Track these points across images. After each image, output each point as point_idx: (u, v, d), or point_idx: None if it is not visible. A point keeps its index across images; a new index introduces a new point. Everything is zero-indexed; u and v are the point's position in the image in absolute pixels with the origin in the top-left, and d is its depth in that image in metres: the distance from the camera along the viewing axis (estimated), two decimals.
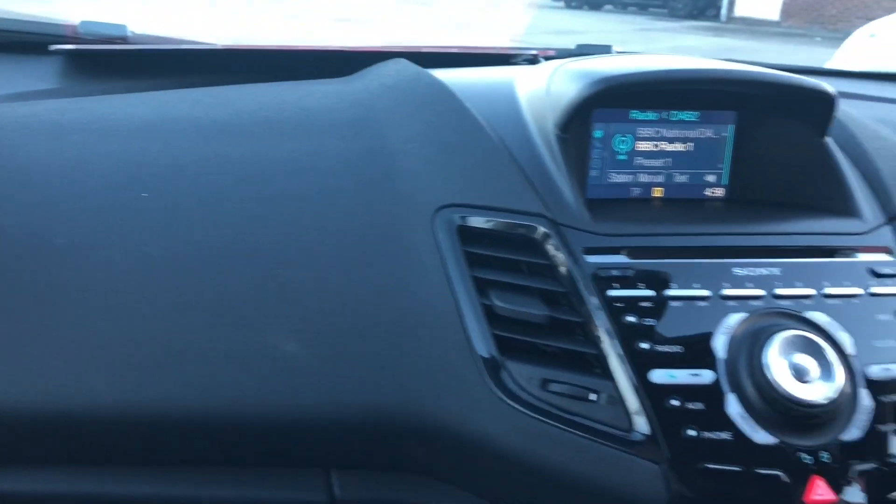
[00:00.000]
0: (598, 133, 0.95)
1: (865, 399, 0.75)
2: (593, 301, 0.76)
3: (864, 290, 0.81)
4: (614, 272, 0.77)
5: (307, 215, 0.82)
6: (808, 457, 0.72)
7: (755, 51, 8.05)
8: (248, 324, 0.76)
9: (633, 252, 0.80)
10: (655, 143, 0.96)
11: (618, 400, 0.73)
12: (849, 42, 4.11)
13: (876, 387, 0.76)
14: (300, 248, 0.79)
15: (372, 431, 0.76)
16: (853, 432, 0.73)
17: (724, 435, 0.72)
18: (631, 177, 0.96)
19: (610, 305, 0.76)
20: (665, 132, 0.96)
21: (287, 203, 0.82)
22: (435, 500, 0.81)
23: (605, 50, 1.39)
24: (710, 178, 0.98)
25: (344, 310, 0.77)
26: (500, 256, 0.79)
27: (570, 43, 1.47)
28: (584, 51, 1.36)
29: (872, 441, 0.74)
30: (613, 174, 0.96)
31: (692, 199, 0.96)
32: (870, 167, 0.92)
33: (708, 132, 0.97)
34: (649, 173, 0.97)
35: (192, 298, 0.77)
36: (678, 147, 0.97)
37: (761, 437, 0.72)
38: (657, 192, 0.97)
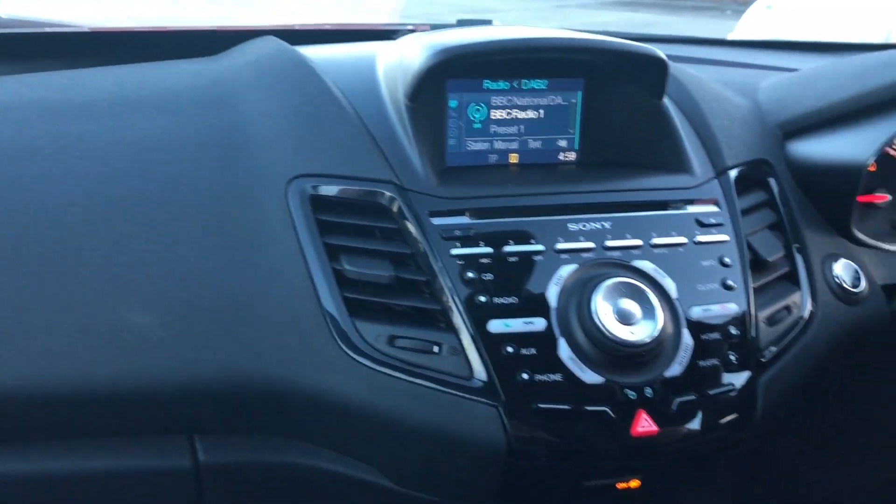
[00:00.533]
0: (452, 103, 0.99)
1: (687, 338, 0.81)
2: (437, 260, 0.80)
3: (690, 239, 0.87)
4: (457, 233, 0.82)
5: (160, 190, 0.84)
6: (633, 393, 0.78)
7: (670, 24, 8.23)
8: (98, 297, 0.78)
9: (476, 213, 0.84)
10: (508, 111, 1.00)
11: (459, 350, 0.78)
12: (748, 14, 4.27)
13: (696, 327, 0.82)
14: (152, 221, 0.82)
15: (227, 396, 0.79)
16: (675, 369, 0.80)
17: (556, 377, 0.77)
18: (487, 144, 1.01)
19: (452, 264, 0.80)
20: (517, 100, 1.01)
21: (140, 179, 0.84)
22: (296, 459, 0.85)
23: (485, 24, 1.42)
24: (562, 143, 1.03)
25: (195, 280, 0.80)
26: (350, 223, 0.83)
27: None
28: (463, 25, 1.40)
29: (692, 376, 0.80)
30: (470, 142, 1.00)
31: (546, 163, 1.01)
32: (704, 126, 0.98)
33: (557, 99, 1.02)
34: (504, 140, 1.01)
35: (42, 274, 0.78)
36: (530, 115, 1.01)
37: (589, 377, 0.78)
38: (513, 159, 1.02)
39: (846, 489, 1.32)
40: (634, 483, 0.85)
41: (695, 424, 0.80)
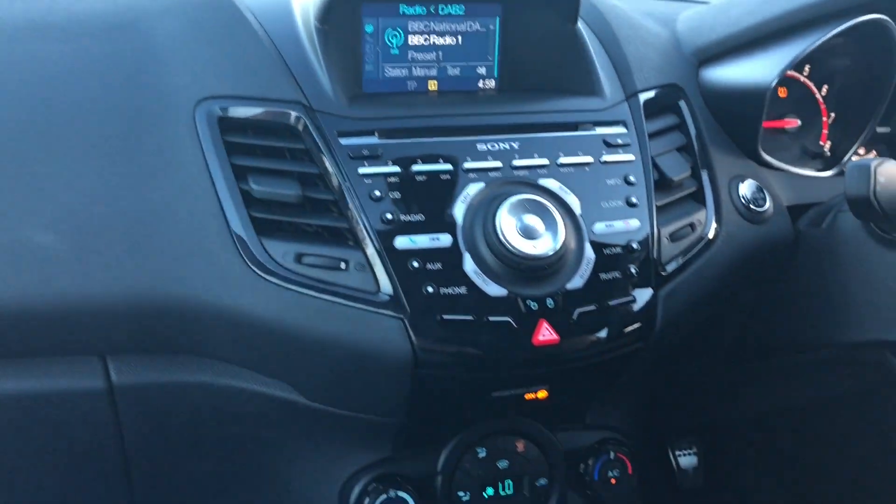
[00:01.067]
0: (368, 27, 0.98)
1: (589, 252, 0.84)
2: (345, 179, 0.81)
3: (596, 158, 0.89)
4: (364, 152, 0.83)
5: (67, 112, 0.83)
6: (535, 304, 0.80)
7: None
8: (1, 218, 0.78)
9: (385, 134, 0.85)
10: (426, 36, 1.00)
11: (366, 266, 0.79)
12: None
13: (599, 242, 0.85)
14: (57, 143, 0.81)
15: (136, 315, 0.80)
16: (576, 281, 0.82)
17: (460, 290, 0.79)
18: (405, 70, 1.01)
19: (360, 182, 0.81)
20: (435, 26, 1.00)
21: (45, 102, 0.83)
22: (209, 379, 0.86)
23: None
24: (482, 70, 1.04)
25: (101, 200, 0.80)
26: (258, 144, 0.83)
27: None
28: None
29: (593, 288, 0.83)
30: (388, 68, 1.00)
31: (466, 91, 1.02)
32: (617, 52, 0.99)
33: (475, 25, 1.02)
34: (423, 66, 1.01)
35: None
36: (448, 41, 1.01)
37: (493, 289, 0.80)
38: (432, 86, 1.02)
39: (742, 401, 1.39)
40: (542, 394, 0.88)
41: (595, 334, 0.83)
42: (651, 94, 0.96)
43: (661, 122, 0.96)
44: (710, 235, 0.93)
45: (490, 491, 0.92)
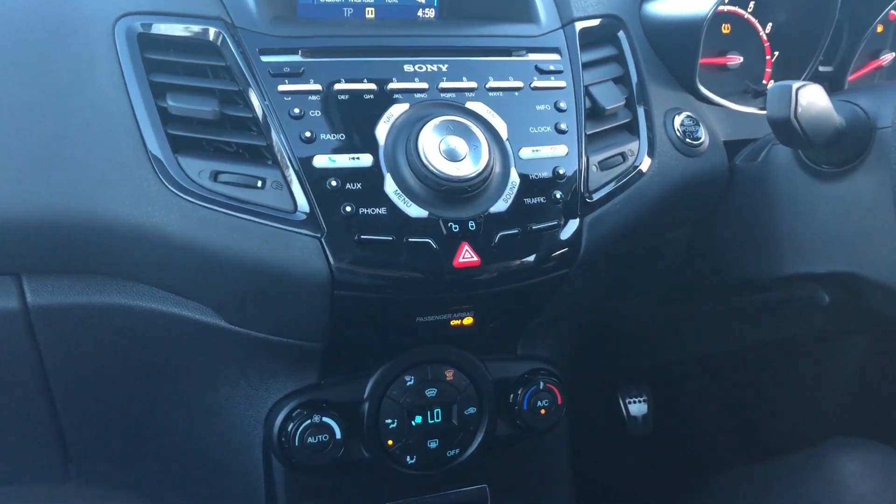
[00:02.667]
0: None
1: (514, 176, 0.81)
2: (264, 97, 0.78)
3: (527, 84, 0.86)
4: (286, 69, 0.79)
5: None
6: (457, 226, 0.78)
7: None
8: None
9: (308, 53, 0.82)
10: None
11: (283, 185, 0.77)
12: None
13: (525, 166, 0.82)
14: None
15: (51, 233, 0.77)
16: (500, 205, 0.80)
17: (381, 210, 0.77)
18: None
19: (280, 100, 0.78)
20: None
21: None
22: (127, 300, 0.84)
23: None
24: None
25: (11, 114, 0.76)
26: (178, 61, 0.80)
27: None
28: None
29: (517, 212, 0.81)
30: None
31: (405, 19, 0.99)
32: None
33: None
34: None
35: None
36: None
37: (414, 210, 0.77)
38: (369, 13, 0.99)
39: (688, 344, 1.38)
40: (468, 320, 0.86)
41: (517, 258, 0.81)
42: (588, 23, 0.93)
43: (597, 53, 0.94)
44: (642, 166, 0.91)
45: (418, 419, 0.90)
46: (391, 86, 0.81)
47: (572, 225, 0.83)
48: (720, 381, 1.66)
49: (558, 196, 0.82)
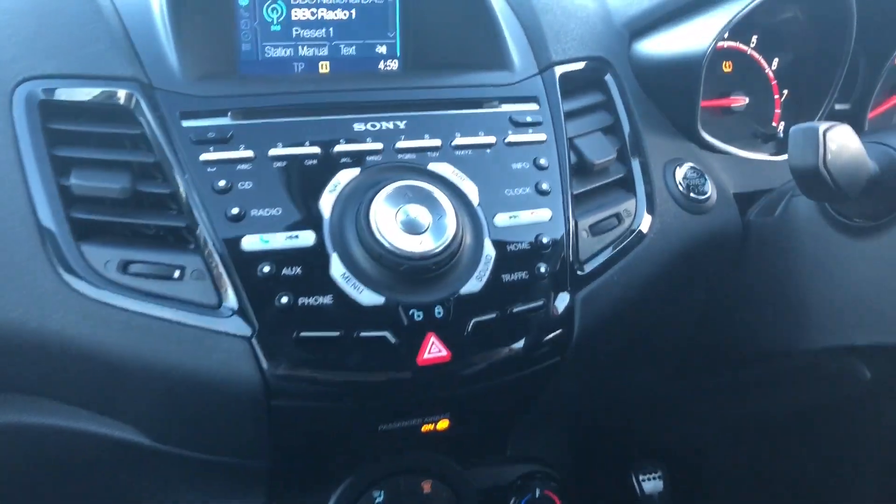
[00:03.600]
0: (243, 0, 0.82)
1: (488, 249, 0.67)
2: (185, 169, 0.64)
3: (500, 139, 0.72)
4: (210, 134, 0.66)
5: None
6: (420, 313, 0.63)
7: None
8: None
9: (240, 114, 0.68)
10: (313, 10, 0.84)
11: (205, 274, 0.62)
12: None
13: (501, 235, 0.68)
14: None
15: None
16: (472, 284, 0.65)
17: (325, 299, 0.62)
18: (290, 50, 0.84)
19: (202, 172, 0.64)
20: None
21: None
22: (36, 419, 0.69)
23: None
24: (381, 49, 0.87)
25: None
26: (86, 131, 0.66)
27: None
28: None
29: (494, 292, 0.66)
30: (269, 48, 0.84)
31: (364, 72, 0.86)
32: (532, 21, 0.83)
33: None
34: (311, 45, 0.85)
35: None
36: (340, 15, 0.85)
37: (367, 297, 0.63)
38: (323, 68, 0.86)
39: (704, 417, 1.22)
40: (443, 424, 0.70)
41: (496, 348, 0.66)
42: (570, 67, 0.80)
43: (582, 100, 0.80)
44: (641, 228, 0.76)
45: None
46: (338, 148, 0.67)
47: (562, 304, 0.68)
48: (742, 451, 1.48)
49: (543, 270, 0.67)
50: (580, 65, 0.83)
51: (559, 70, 0.79)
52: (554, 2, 0.89)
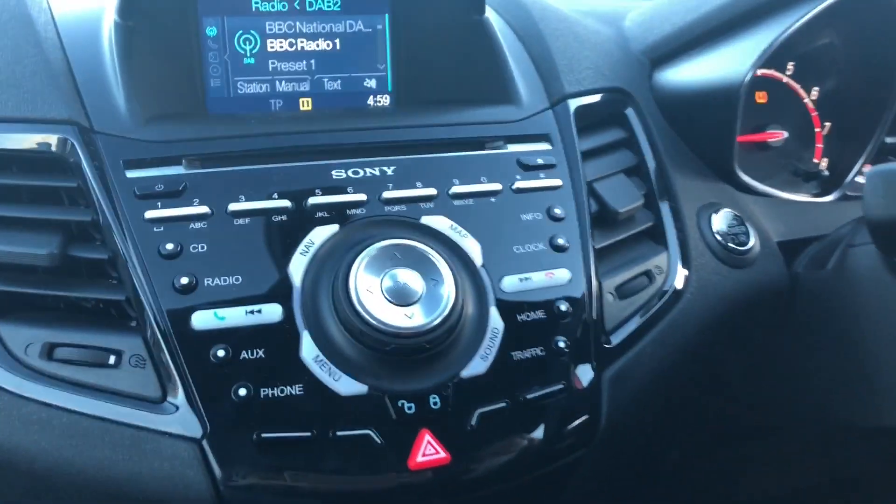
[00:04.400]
0: (210, 30, 0.71)
1: (495, 321, 0.54)
2: (126, 229, 0.52)
3: (507, 185, 0.60)
4: (159, 187, 0.54)
5: None
6: (411, 405, 0.51)
7: None
8: None
9: (196, 161, 0.56)
10: (291, 40, 0.73)
11: (145, 360, 0.50)
12: None
13: (511, 304, 0.55)
14: None
15: None
16: (477, 365, 0.53)
17: (294, 389, 0.49)
18: (266, 86, 0.73)
19: (147, 232, 0.52)
20: (302, 26, 0.73)
21: None
22: None
23: None
24: (370, 83, 0.76)
25: None
26: (10, 184, 0.54)
27: None
28: None
29: (502, 375, 0.53)
30: (242, 83, 0.72)
31: (351, 109, 0.74)
32: (541, 49, 0.72)
33: (358, 24, 0.75)
34: (290, 80, 0.73)
35: None
36: (324, 45, 0.74)
37: (345, 385, 0.50)
38: (305, 105, 0.74)
39: (745, 487, 1.07)
40: None
41: (506, 445, 0.53)
42: (586, 100, 0.68)
43: (601, 138, 0.68)
44: (676, 286, 0.63)
45: None
46: (313, 200, 0.55)
47: (587, 386, 0.56)
48: None
49: (562, 345, 0.55)
50: (597, 97, 0.71)
51: (573, 103, 0.68)
52: (563, 26, 0.78)
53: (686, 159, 0.73)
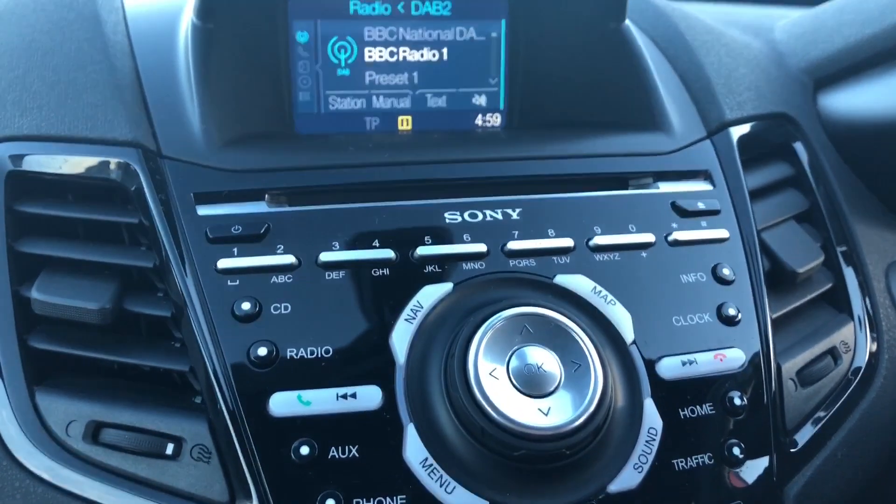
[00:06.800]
0: (301, 35, 0.60)
1: (652, 417, 0.41)
2: (194, 280, 0.41)
3: (660, 235, 0.47)
4: (237, 229, 0.43)
5: None
6: None
7: None
8: None
9: (281, 197, 0.45)
10: (393, 49, 0.62)
11: (212, 451, 0.39)
12: None
13: (671, 395, 0.42)
14: None
15: None
16: (629, 477, 0.39)
17: (395, 502, 0.37)
18: (362, 101, 0.62)
19: (220, 286, 0.41)
20: (406, 33, 0.62)
21: None
22: None
23: None
24: (480, 100, 0.64)
25: None
26: (60, 216, 0.44)
27: None
28: None
29: (660, 489, 0.40)
30: (335, 97, 0.61)
31: (457, 131, 0.62)
32: (692, 64, 0.58)
33: (469, 32, 0.63)
34: (389, 94, 0.62)
35: None
36: (427, 55, 0.62)
37: (461, 499, 0.38)
38: (404, 124, 0.63)
39: None
40: None
41: None
42: (749, 128, 0.54)
43: (766, 174, 0.54)
44: (866, 368, 0.49)
45: None
46: (422, 251, 0.43)
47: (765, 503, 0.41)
48: None
49: (737, 451, 0.41)
50: (759, 125, 0.57)
51: (736, 132, 0.54)
52: (713, 38, 0.64)
53: (867, 203, 0.58)
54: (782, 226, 0.53)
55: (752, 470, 0.42)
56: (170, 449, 0.39)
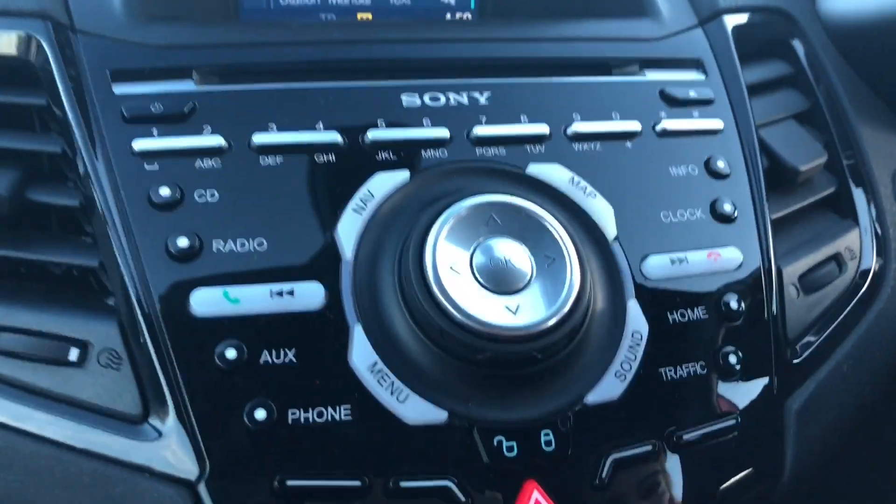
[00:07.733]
0: None
1: (636, 320, 0.35)
2: (107, 164, 0.35)
3: (647, 125, 0.41)
4: (157, 107, 0.37)
5: None
6: (512, 443, 0.32)
7: None
8: None
9: (211, 75, 0.38)
10: None
11: (122, 358, 0.33)
12: None
13: (657, 295, 0.37)
14: None
15: None
16: (610, 386, 0.34)
17: (337, 412, 0.32)
18: None
19: (136, 170, 0.35)
20: None
21: None
22: None
23: None
24: None
25: None
26: None
27: None
28: None
29: (645, 400, 0.35)
30: None
31: (423, 21, 0.56)
32: None
33: None
34: None
35: None
36: None
37: (415, 409, 0.32)
38: (363, 17, 0.56)
39: None
40: None
41: (640, 498, 0.34)
42: (743, 18, 0.48)
43: (763, 71, 0.49)
44: (872, 276, 0.44)
45: None
46: (374, 135, 0.37)
47: (765, 420, 0.37)
48: None
49: (732, 360, 0.36)
50: (755, 17, 0.51)
51: (730, 21, 0.48)
52: None
53: (871, 106, 0.53)
54: (781, 124, 0.48)
55: (750, 382, 0.37)
56: (74, 354, 0.33)
